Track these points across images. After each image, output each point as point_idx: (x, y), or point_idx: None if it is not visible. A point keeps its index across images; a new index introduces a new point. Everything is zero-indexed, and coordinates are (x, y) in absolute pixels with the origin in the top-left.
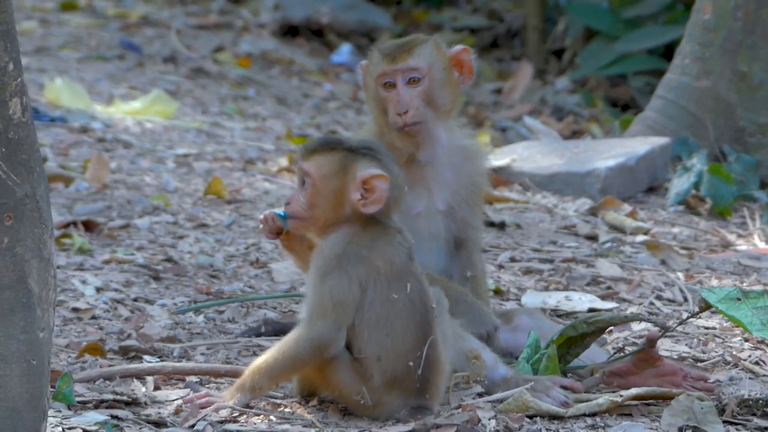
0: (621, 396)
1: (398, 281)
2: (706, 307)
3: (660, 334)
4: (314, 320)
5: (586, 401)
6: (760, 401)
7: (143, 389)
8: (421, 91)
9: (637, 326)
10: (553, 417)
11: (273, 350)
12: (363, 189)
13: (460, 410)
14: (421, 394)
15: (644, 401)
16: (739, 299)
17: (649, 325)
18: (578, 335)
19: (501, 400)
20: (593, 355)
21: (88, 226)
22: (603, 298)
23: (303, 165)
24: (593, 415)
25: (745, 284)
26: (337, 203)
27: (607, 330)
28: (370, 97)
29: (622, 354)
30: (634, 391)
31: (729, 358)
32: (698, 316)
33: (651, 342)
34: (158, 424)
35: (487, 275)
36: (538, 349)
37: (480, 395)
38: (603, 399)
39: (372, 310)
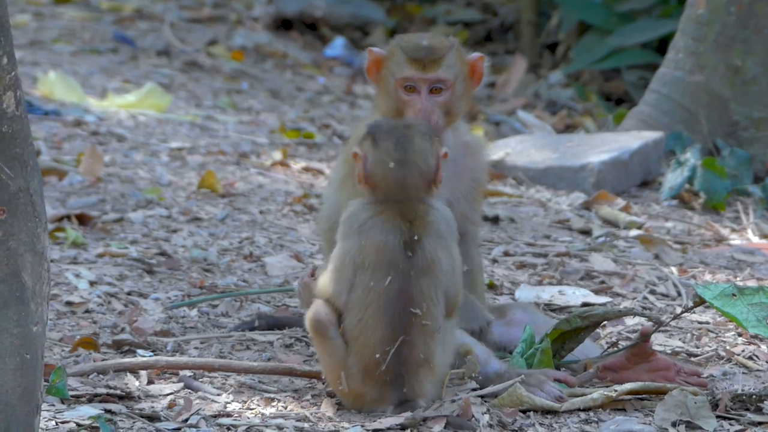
0: (615, 391)
1: (381, 271)
2: (700, 302)
3: (654, 328)
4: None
5: (581, 396)
6: (754, 396)
7: (137, 383)
8: (441, 101)
9: (630, 321)
10: (547, 411)
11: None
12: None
13: (453, 404)
14: (398, 388)
15: (638, 396)
16: (734, 295)
17: (642, 319)
18: (572, 330)
19: (495, 395)
20: (587, 349)
21: (82, 219)
22: (596, 292)
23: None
24: (587, 409)
25: (738, 279)
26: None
27: (601, 324)
28: (385, 92)
29: (615, 349)
30: (628, 386)
31: (722, 353)
32: (692, 311)
33: (645, 336)
34: (152, 418)
35: (483, 270)
36: (532, 343)
37: (474, 390)
38: (597, 394)
39: (356, 290)
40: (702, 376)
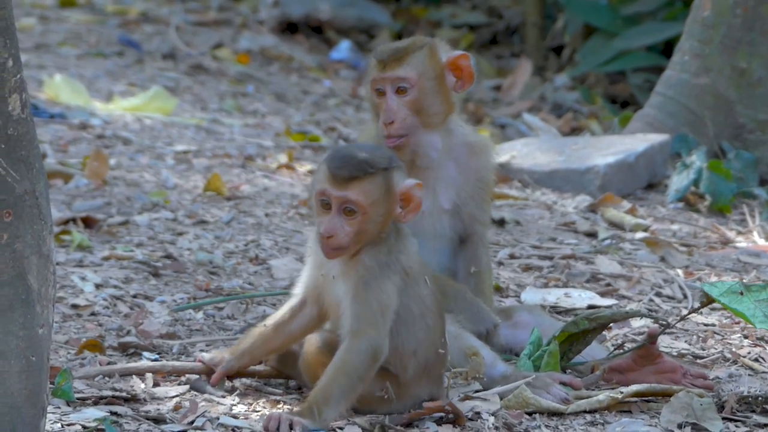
0: (621, 393)
1: (422, 277)
2: (708, 301)
3: (660, 330)
4: (364, 328)
5: (587, 398)
6: (760, 398)
7: (142, 386)
8: (409, 101)
9: (636, 323)
10: (553, 413)
11: (331, 373)
12: (402, 201)
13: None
14: (440, 382)
15: (644, 398)
16: (741, 293)
17: (648, 321)
18: (580, 331)
19: (501, 396)
20: (593, 351)
21: (88, 222)
22: (602, 295)
23: (347, 194)
24: (593, 411)
25: (744, 281)
26: (384, 222)
27: (608, 326)
28: (368, 100)
29: (621, 351)
30: (634, 387)
31: (728, 355)
32: (699, 312)
33: (652, 338)
34: (157, 420)
35: (492, 271)
36: (540, 346)
37: (478, 391)
38: (603, 395)
39: (407, 309)
40: (708, 379)
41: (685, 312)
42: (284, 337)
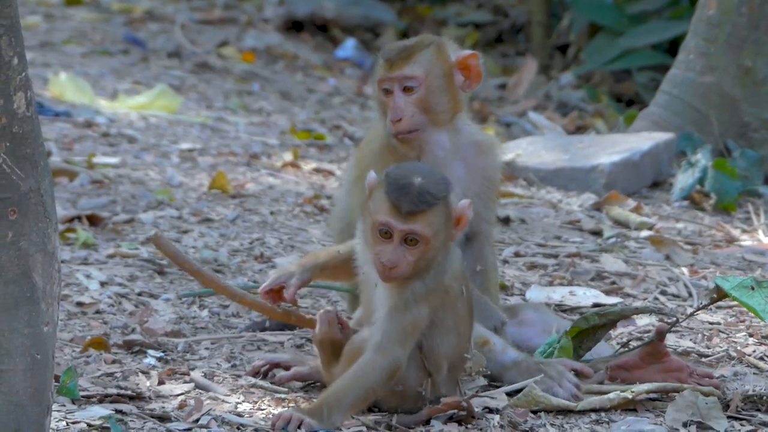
0: (632, 392)
1: (458, 284)
2: (720, 295)
3: (668, 327)
4: (391, 346)
5: (597, 394)
6: (765, 397)
7: (147, 383)
8: (416, 99)
9: (641, 321)
10: (559, 411)
11: (348, 380)
12: (456, 223)
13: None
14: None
15: (649, 396)
16: (752, 288)
17: (653, 320)
18: (589, 327)
19: (510, 395)
20: (599, 349)
21: (93, 220)
22: (607, 293)
23: (413, 228)
24: (600, 410)
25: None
26: (444, 247)
27: (618, 323)
28: (375, 99)
29: (627, 348)
30: (644, 386)
31: (733, 354)
32: (708, 308)
33: (660, 335)
34: (162, 418)
35: (498, 269)
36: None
37: (485, 388)
38: (614, 394)
39: (443, 320)
40: (714, 378)
41: (690, 310)
42: (351, 268)
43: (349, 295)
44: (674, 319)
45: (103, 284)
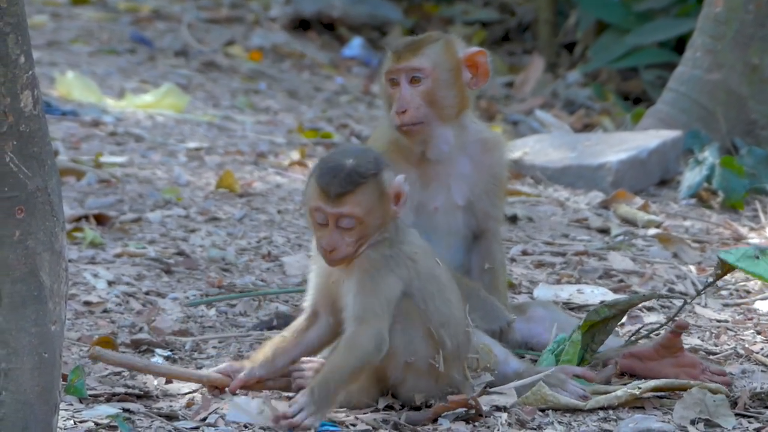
0: (639, 388)
1: (430, 258)
2: (726, 269)
3: (688, 324)
4: (369, 319)
5: (604, 393)
6: None
7: (155, 382)
8: (422, 91)
9: (648, 318)
10: (565, 409)
11: (336, 358)
12: (394, 199)
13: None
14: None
15: (657, 394)
16: (757, 257)
17: (661, 317)
18: (601, 320)
19: (518, 392)
20: (610, 343)
21: (100, 219)
22: (615, 291)
23: (341, 210)
24: (608, 408)
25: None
26: (383, 224)
27: (627, 313)
28: (381, 92)
29: (637, 337)
30: (652, 383)
31: (741, 351)
32: (716, 286)
33: (680, 329)
34: (170, 417)
35: (506, 267)
36: (562, 343)
37: (491, 386)
38: (621, 391)
39: (424, 289)
40: (726, 376)
41: (698, 308)
42: (303, 347)
43: None
44: (685, 299)
45: (110, 283)
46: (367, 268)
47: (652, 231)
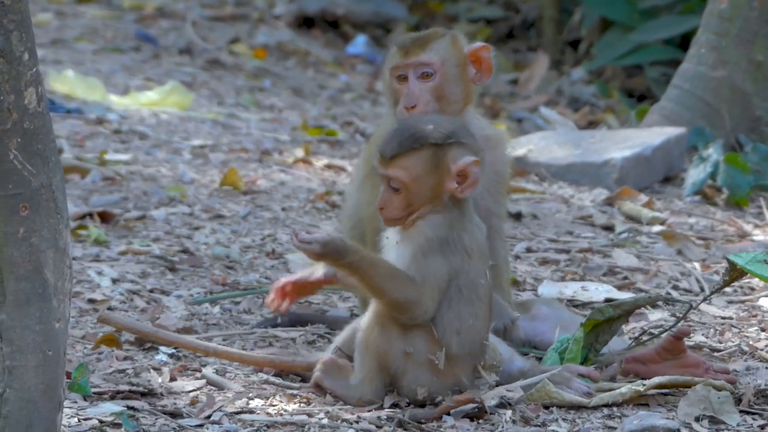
0: (643, 385)
1: (482, 264)
2: (736, 272)
3: (691, 330)
4: (416, 282)
5: (608, 390)
6: None
7: (159, 380)
8: (431, 86)
9: (653, 316)
10: (571, 406)
11: (377, 263)
12: (458, 177)
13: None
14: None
15: (661, 391)
16: (766, 261)
17: (666, 315)
18: (605, 320)
19: (524, 390)
20: (613, 344)
21: (104, 217)
22: (620, 288)
23: (388, 172)
24: (612, 405)
25: None
26: (434, 196)
27: (632, 313)
28: (386, 88)
29: (640, 342)
30: (656, 380)
31: (745, 348)
32: (722, 295)
33: (682, 334)
34: (174, 414)
35: (509, 264)
36: (566, 342)
37: (496, 384)
38: (626, 388)
39: (457, 289)
40: (730, 374)
41: (703, 305)
42: None
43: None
44: (689, 304)
45: (114, 281)
46: (422, 245)
47: (657, 228)
